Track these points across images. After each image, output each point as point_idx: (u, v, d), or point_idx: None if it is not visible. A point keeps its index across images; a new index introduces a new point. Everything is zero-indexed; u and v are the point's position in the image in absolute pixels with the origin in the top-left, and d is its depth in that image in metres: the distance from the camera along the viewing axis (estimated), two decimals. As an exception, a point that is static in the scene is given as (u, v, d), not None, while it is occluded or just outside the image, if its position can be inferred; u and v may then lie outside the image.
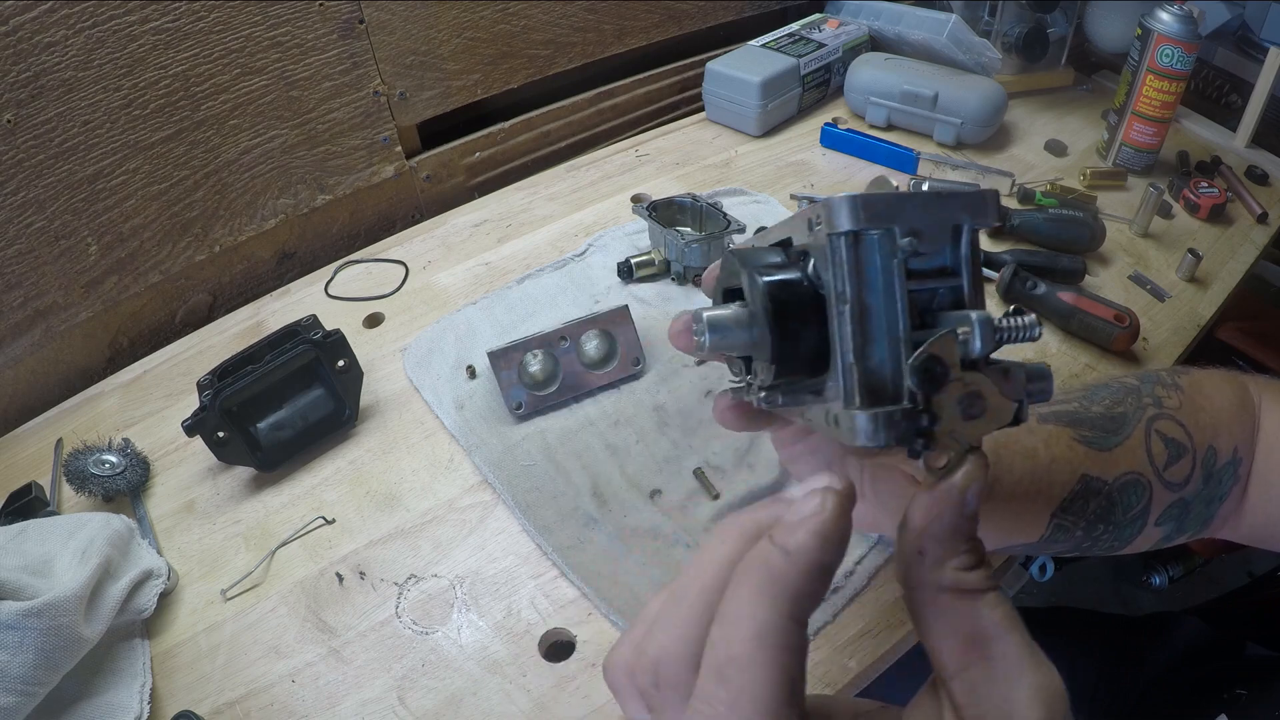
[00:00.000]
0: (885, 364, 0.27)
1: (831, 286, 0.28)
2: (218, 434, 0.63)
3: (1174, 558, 1.37)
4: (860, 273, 0.27)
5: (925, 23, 1.10)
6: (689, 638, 0.23)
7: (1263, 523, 0.51)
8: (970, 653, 0.24)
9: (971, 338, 0.26)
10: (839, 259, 0.27)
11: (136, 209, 0.78)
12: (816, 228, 0.28)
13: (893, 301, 0.27)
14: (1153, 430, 0.47)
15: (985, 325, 0.26)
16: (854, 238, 0.27)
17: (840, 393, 0.28)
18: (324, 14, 0.82)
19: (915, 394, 0.26)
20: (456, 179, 1.03)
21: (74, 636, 0.49)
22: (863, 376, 0.27)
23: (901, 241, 0.27)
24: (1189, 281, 0.87)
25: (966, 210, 0.28)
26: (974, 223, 0.28)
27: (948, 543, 0.24)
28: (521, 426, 0.69)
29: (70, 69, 0.69)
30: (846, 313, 0.27)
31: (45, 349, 0.77)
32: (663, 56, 1.17)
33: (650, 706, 0.24)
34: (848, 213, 0.26)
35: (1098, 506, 0.46)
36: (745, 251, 0.32)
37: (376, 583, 0.60)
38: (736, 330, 0.31)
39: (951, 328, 0.26)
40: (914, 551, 0.25)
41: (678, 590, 0.24)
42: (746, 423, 0.38)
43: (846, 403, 0.27)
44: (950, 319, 0.27)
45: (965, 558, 0.24)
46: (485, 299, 0.81)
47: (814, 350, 0.29)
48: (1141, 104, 0.96)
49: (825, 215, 0.27)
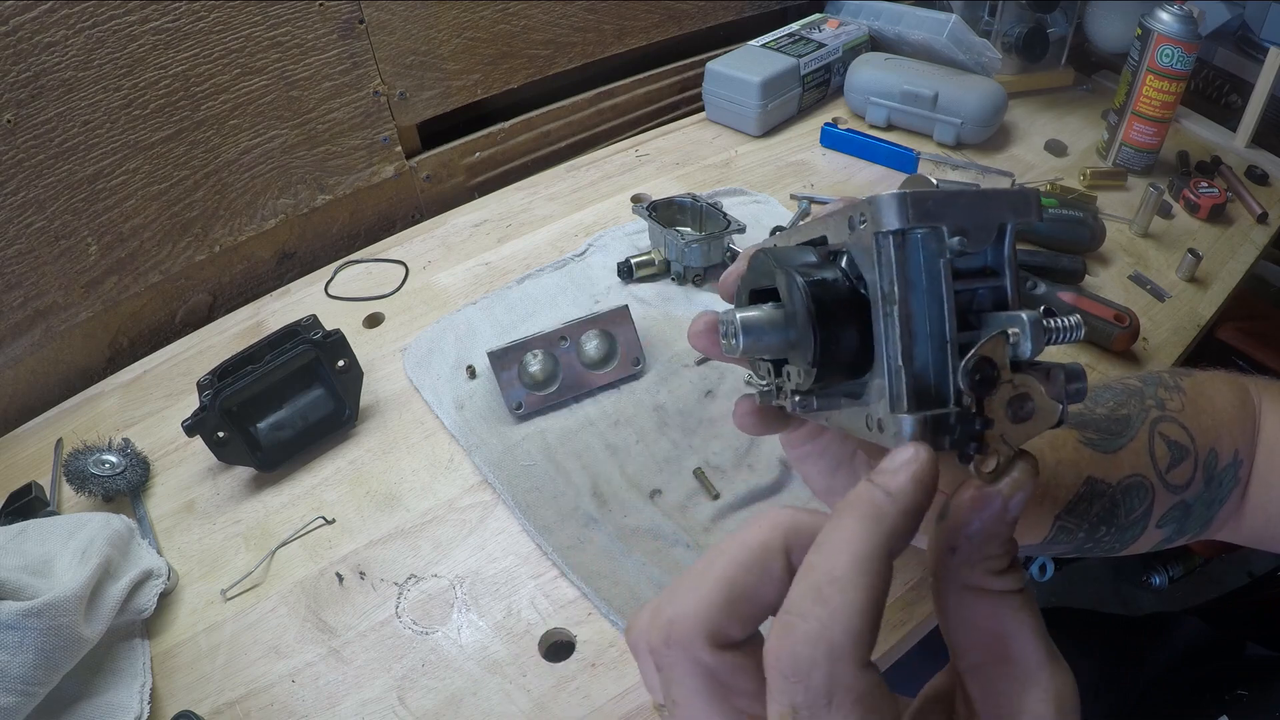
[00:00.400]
0: (930, 366, 0.27)
1: (878, 287, 0.27)
2: (218, 434, 0.63)
3: (1174, 558, 1.37)
4: (905, 273, 0.26)
5: (925, 23, 1.10)
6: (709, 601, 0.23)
7: (1263, 524, 0.51)
8: (990, 651, 0.24)
9: (1022, 339, 0.25)
10: (886, 259, 0.26)
11: (136, 209, 0.78)
12: (860, 226, 0.27)
13: (938, 302, 0.27)
14: (1156, 433, 0.47)
15: (1036, 326, 0.25)
16: (900, 237, 0.26)
17: (887, 396, 0.27)
18: (324, 14, 0.82)
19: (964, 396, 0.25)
20: (456, 179, 1.03)
21: (74, 636, 0.49)
22: (912, 380, 0.27)
23: (951, 241, 0.26)
24: (1189, 281, 0.87)
25: (1011, 208, 0.27)
26: (1018, 222, 0.28)
27: (982, 545, 0.24)
28: (521, 426, 0.69)
29: (70, 69, 0.69)
30: (895, 314, 0.26)
31: (45, 349, 0.77)
32: (663, 56, 1.17)
33: (659, 665, 0.25)
34: (896, 211, 0.26)
35: (1101, 509, 0.46)
36: (779, 251, 0.31)
37: (376, 583, 0.60)
38: (772, 332, 0.30)
39: (1002, 329, 0.26)
40: (946, 547, 0.25)
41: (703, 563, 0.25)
42: (766, 426, 0.37)
43: (894, 406, 0.27)
44: (996, 320, 0.27)
45: (997, 560, 0.24)
46: (485, 299, 0.81)
47: (855, 353, 0.28)
48: (1141, 104, 0.96)
49: (871, 213, 0.26)
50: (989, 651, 0.24)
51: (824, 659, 0.21)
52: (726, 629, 0.23)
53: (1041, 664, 0.23)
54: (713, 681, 0.24)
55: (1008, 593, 0.24)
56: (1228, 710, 0.60)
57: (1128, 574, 1.48)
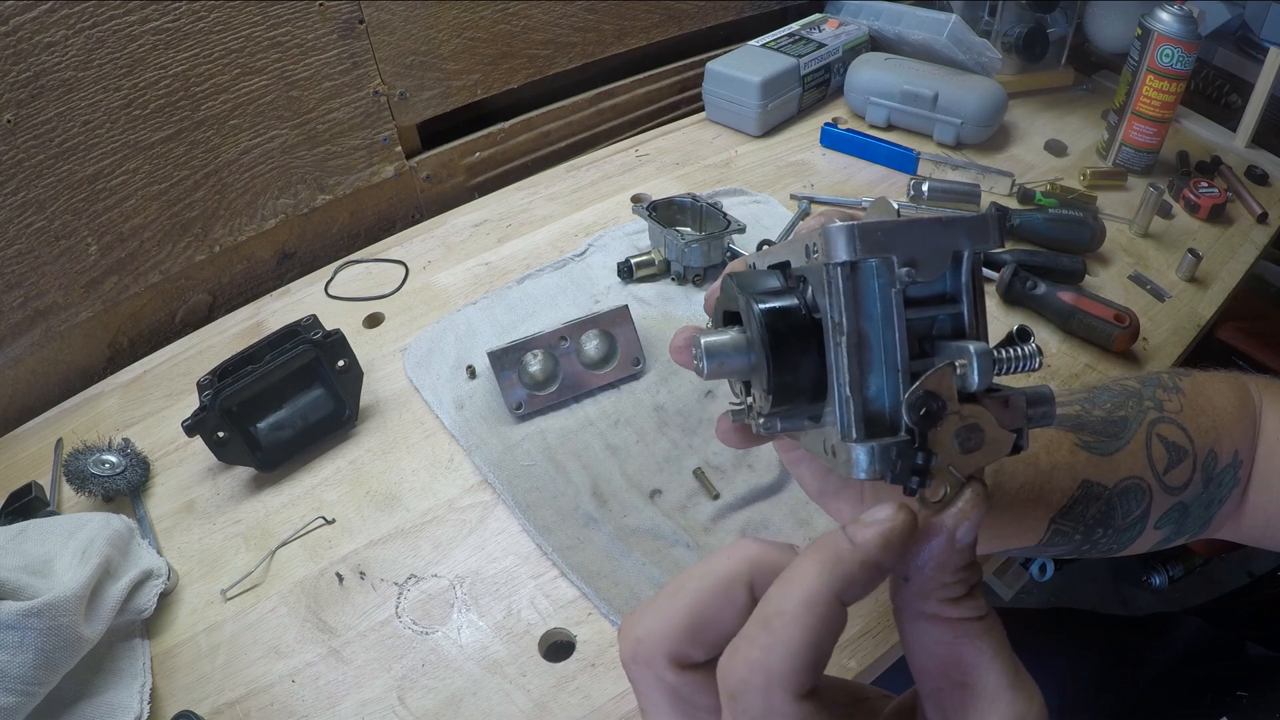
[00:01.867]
0: (884, 394, 0.27)
1: (828, 316, 0.27)
2: (218, 434, 0.63)
3: (1174, 558, 1.38)
4: (858, 302, 0.27)
5: (925, 23, 1.10)
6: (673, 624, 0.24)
7: (1263, 524, 0.51)
8: (948, 677, 0.24)
9: (969, 371, 0.25)
10: (835, 289, 0.27)
11: (136, 209, 0.78)
12: (814, 255, 0.27)
13: (891, 332, 0.27)
14: (1153, 434, 0.47)
15: (983, 358, 0.25)
16: (851, 267, 0.26)
17: (838, 424, 0.27)
18: (324, 14, 0.82)
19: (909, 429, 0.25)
20: (456, 179, 1.03)
21: (74, 636, 0.49)
22: (860, 408, 0.27)
23: (900, 271, 0.26)
24: (1189, 281, 0.87)
25: (967, 235, 0.27)
26: (975, 247, 0.27)
27: (934, 575, 0.24)
28: (521, 426, 0.69)
29: (70, 69, 0.69)
30: (844, 344, 0.27)
31: (45, 349, 0.77)
32: (663, 56, 1.17)
33: (629, 678, 0.26)
34: (844, 242, 0.26)
35: (1097, 511, 0.45)
36: (743, 275, 0.32)
37: (376, 583, 0.60)
38: (734, 356, 0.31)
39: (949, 360, 0.26)
40: (900, 577, 0.25)
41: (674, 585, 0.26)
42: (747, 440, 0.38)
43: (844, 435, 0.27)
44: (949, 349, 0.27)
45: (952, 589, 0.24)
46: (485, 299, 0.81)
47: (812, 379, 0.29)
48: (1141, 104, 0.96)
49: (822, 244, 0.27)
50: (948, 678, 0.24)
51: (762, 685, 0.22)
52: (689, 652, 0.24)
53: (1001, 689, 0.23)
54: (676, 698, 0.25)
55: (967, 620, 0.24)
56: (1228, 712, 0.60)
57: (1128, 574, 1.48)
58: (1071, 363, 0.76)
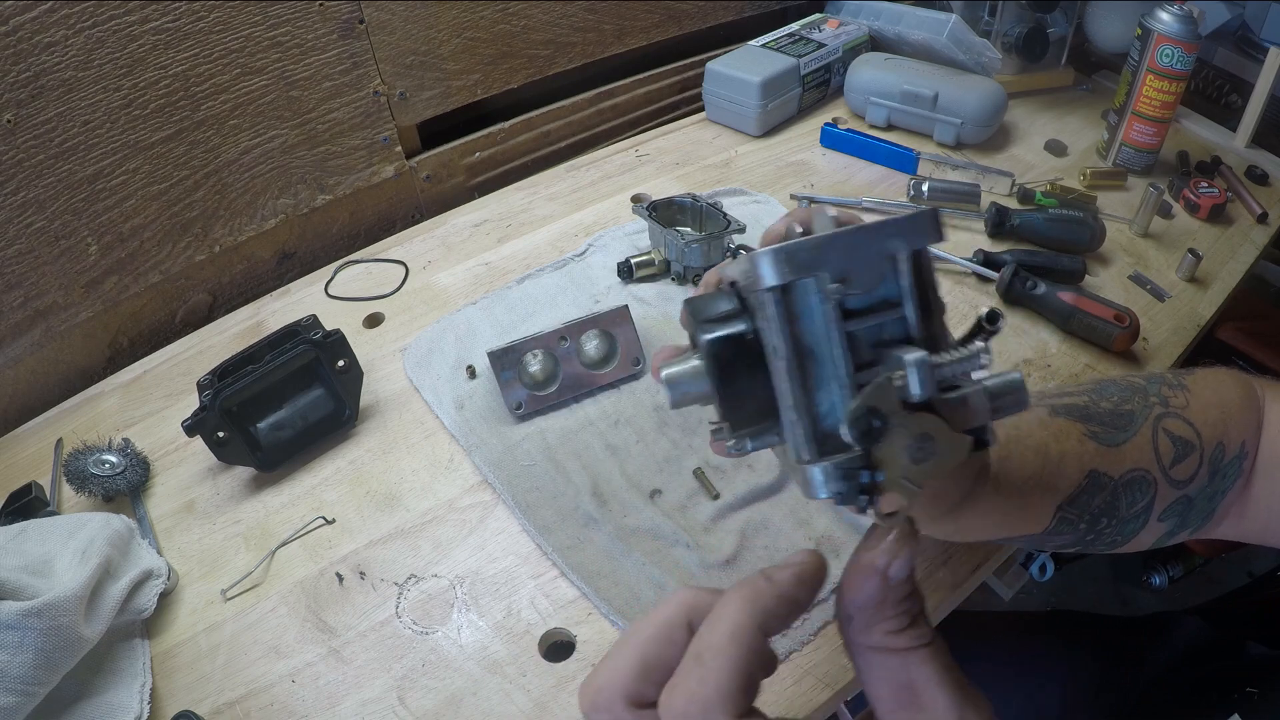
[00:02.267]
0: (836, 410, 0.27)
1: (766, 341, 0.27)
2: (218, 434, 0.63)
3: (1174, 557, 1.38)
4: (795, 323, 0.27)
5: (925, 23, 1.10)
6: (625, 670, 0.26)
7: (1265, 518, 0.51)
8: (900, 701, 0.26)
9: (910, 381, 0.25)
10: (768, 314, 0.27)
11: (136, 209, 0.78)
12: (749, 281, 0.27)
13: (833, 347, 0.27)
14: (1159, 429, 0.48)
15: (922, 367, 0.25)
16: (783, 290, 0.26)
17: (791, 446, 0.27)
18: (324, 14, 0.82)
19: None
20: (456, 179, 1.03)
21: (74, 636, 0.49)
22: (810, 428, 0.27)
23: (829, 287, 0.26)
24: (1189, 281, 0.87)
25: (902, 236, 0.27)
26: (910, 247, 0.27)
27: (874, 612, 0.26)
28: (521, 426, 0.69)
29: (70, 69, 0.69)
30: (782, 368, 0.27)
31: (45, 349, 0.77)
32: (663, 56, 1.17)
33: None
34: (770, 267, 0.26)
35: (1102, 501, 0.46)
36: (698, 300, 0.31)
37: (376, 583, 0.60)
38: (695, 384, 0.30)
39: (887, 375, 0.25)
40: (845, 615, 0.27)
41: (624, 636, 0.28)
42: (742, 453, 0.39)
43: (796, 457, 0.27)
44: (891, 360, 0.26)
45: (893, 621, 0.26)
46: (485, 299, 0.81)
47: (762, 403, 0.29)
48: (1141, 104, 0.96)
49: (750, 271, 0.26)
50: (899, 702, 0.26)
51: (698, 713, 0.24)
52: (642, 691, 0.26)
53: (950, 709, 0.25)
54: None
55: (912, 648, 0.26)
56: (1238, 708, 0.60)
57: (1127, 574, 1.48)
58: (1071, 363, 0.76)
